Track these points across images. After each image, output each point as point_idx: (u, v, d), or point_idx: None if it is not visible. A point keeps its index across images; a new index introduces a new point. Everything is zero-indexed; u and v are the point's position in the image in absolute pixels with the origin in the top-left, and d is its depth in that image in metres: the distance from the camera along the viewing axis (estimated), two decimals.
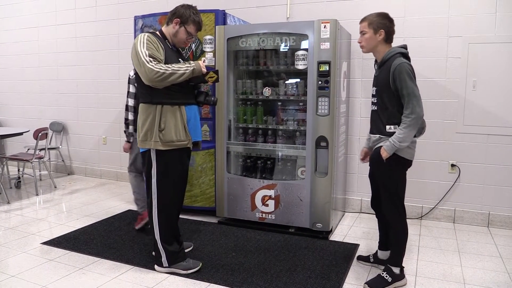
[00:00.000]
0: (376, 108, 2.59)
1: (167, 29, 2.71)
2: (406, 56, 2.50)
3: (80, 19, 5.60)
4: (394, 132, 2.45)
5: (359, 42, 2.63)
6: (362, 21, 2.59)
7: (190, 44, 3.78)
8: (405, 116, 2.39)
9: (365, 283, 2.63)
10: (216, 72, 2.72)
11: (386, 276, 2.60)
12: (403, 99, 2.41)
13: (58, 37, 5.81)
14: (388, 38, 2.55)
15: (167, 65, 2.51)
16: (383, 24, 2.51)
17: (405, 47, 2.56)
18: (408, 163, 2.54)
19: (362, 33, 2.58)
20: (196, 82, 2.73)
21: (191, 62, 2.64)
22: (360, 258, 2.99)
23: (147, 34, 2.58)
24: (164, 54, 2.58)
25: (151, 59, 2.48)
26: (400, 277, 2.62)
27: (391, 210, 2.57)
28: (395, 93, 2.43)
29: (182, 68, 2.55)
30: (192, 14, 2.68)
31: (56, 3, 5.77)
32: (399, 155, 2.46)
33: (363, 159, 2.84)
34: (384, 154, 2.45)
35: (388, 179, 2.55)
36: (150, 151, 2.64)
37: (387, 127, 2.49)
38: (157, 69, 2.46)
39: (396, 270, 2.61)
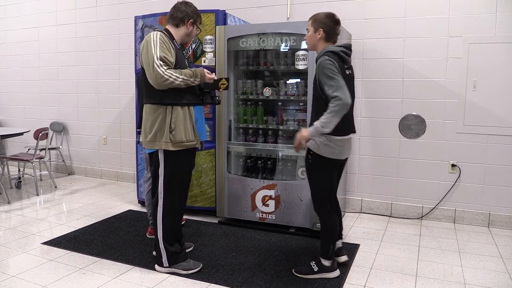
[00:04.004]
0: (312, 103, 2.69)
1: (178, 31, 2.71)
2: (337, 54, 2.49)
3: (80, 19, 5.60)
4: None
5: (305, 39, 2.74)
6: (309, 19, 2.67)
7: (190, 44, 3.79)
8: (330, 103, 2.38)
9: (294, 269, 2.81)
10: (227, 79, 2.79)
11: (314, 266, 2.73)
12: (327, 92, 2.42)
13: (59, 37, 5.82)
14: (328, 37, 2.60)
15: (176, 74, 2.51)
16: (323, 24, 2.58)
17: (345, 46, 2.59)
18: (329, 161, 2.58)
19: (307, 30, 2.68)
20: (210, 89, 2.78)
21: (197, 72, 2.63)
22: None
23: (159, 33, 2.57)
24: (175, 55, 2.59)
25: (162, 63, 2.48)
26: (329, 269, 2.71)
27: (317, 204, 2.73)
28: (321, 89, 2.49)
29: (190, 80, 2.57)
30: (195, 9, 2.74)
31: (56, 3, 5.77)
32: (318, 153, 2.56)
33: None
34: (305, 134, 2.43)
35: (311, 176, 2.69)
36: (158, 151, 2.64)
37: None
38: (167, 76, 2.47)
39: (326, 262, 2.70)
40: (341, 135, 2.55)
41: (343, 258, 2.90)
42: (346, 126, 2.59)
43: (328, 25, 2.57)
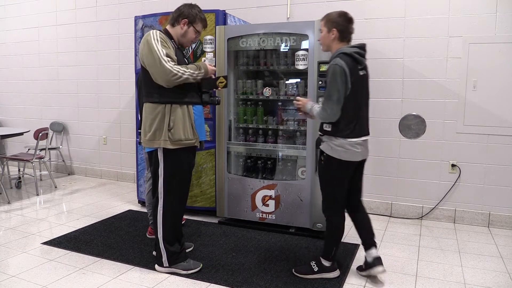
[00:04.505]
0: None
1: (174, 30, 2.71)
2: (350, 55, 2.46)
3: (80, 19, 5.60)
4: (329, 130, 2.54)
5: (319, 40, 2.72)
6: (321, 19, 2.64)
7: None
8: (320, 107, 2.52)
9: (294, 268, 2.80)
10: (225, 77, 2.79)
11: (314, 266, 2.72)
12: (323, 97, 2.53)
13: (59, 37, 5.82)
14: (343, 37, 2.55)
15: (183, 69, 2.52)
16: (336, 23, 2.53)
17: (359, 46, 2.55)
18: (342, 163, 2.53)
19: (320, 31, 2.64)
20: (208, 88, 2.78)
21: (200, 65, 2.64)
22: (358, 268, 2.86)
23: (158, 31, 2.57)
24: (174, 53, 2.59)
25: (168, 58, 2.48)
26: (329, 269, 2.70)
27: (325, 205, 2.70)
28: None
29: (195, 73, 2.58)
30: (198, 12, 2.72)
31: (56, 3, 5.78)
32: (330, 155, 2.54)
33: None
34: (303, 108, 2.65)
35: (322, 177, 2.67)
36: (158, 150, 2.64)
37: (324, 125, 2.58)
38: (176, 71, 2.47)
39: (326, 262, 2.70)
40: (353, 137, 2.50)
41: (379, 269, 2.62)
42: (358, 128, 2.53)
43: (342, 24, 2.53)
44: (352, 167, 2.60)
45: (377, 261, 2.66)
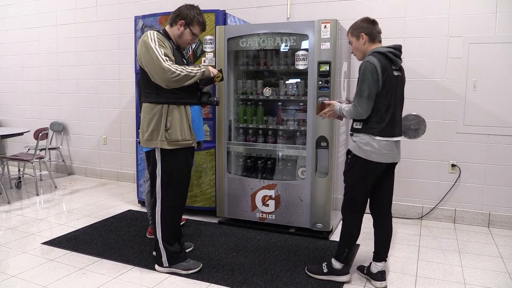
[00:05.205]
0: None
1: (172, 30, 2.71)
2: (384, 54, 2.43)
3: (80, 19, 5.60)
4: (359, 128, 2.49)
5: (352, 53, 2.68)
6: (347, 32, 2.63)
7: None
8: (352, 105, 2.47)
9: (306, 266, 2.82)
10: (221, 71, 2.78)
11: (324, 267, 2.70)
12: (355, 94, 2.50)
13: (59, 37, 5.82)
14: (372, 38, 2.53)
15: (181, 67, 2.53)
16: (362, 28, 2.52)
17: (394, 47, 2.51)
18: (367, 164, 2.47)
19: (350, 43, 2.63)
20: (204, 84, 2.77)
21: (200, 65, 2.67)
22: (358, 268, 2.87)
23: (155, 32, 2.58)
24: (172, 53, 2.59)
25: (166, 58, 2.48)
26: (339, 273, 2.66)
27: (344, 205, 2.63)
28: None
29: (194, 70, 2.58)
30: (196, 15, 2.70)
31: (56, 3, 5.78)
32: (356, 154, 2.50)
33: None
34: (332, 110, 2.62)
35: (346, 175, 2.61)
36: (155, 150, 2.65)
37: (354, 123, 2.54)
38: (174, 69, 2.47)
39: (337, 264, 2.66)
40: (382, 136, 2.44)
41: (382, 285, 2.62)
42: (389, 129, 2.46)
43: (367, 26, 2.51)
44: (378, 169, 2.50)
45: (381, 275, 2.65)
